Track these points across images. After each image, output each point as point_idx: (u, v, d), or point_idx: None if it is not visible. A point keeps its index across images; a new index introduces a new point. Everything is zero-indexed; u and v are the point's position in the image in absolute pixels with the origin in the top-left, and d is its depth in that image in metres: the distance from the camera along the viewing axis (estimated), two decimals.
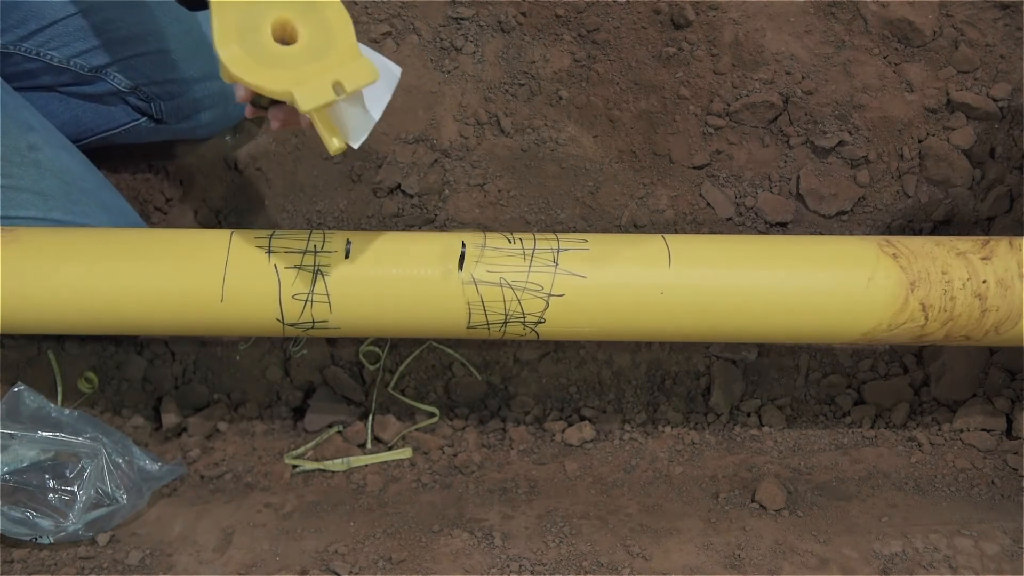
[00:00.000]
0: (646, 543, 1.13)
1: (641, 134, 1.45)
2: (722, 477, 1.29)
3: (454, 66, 1.44)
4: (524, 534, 1.15)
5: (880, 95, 1.42)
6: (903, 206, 1.46)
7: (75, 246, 1.08)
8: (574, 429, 1.38)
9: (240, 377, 1.41)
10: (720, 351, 1.43)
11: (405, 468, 1.32)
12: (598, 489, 1.27)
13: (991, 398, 1.38)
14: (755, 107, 1.43)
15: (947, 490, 1.26)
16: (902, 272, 1.07)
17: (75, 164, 1.26)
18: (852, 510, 1.21)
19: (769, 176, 1.46)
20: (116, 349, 1.39)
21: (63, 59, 1.26)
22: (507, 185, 1.45)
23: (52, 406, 1.19)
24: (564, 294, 1.06)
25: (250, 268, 1.06)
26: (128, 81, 1.27)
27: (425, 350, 1.42)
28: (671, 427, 1.40)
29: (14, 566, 1.10)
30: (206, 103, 1.32)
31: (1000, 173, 1.42)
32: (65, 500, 1.12)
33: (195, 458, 1.33)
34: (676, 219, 1.46)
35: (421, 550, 1.12)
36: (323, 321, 1.07)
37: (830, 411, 1.41)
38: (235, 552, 1.13)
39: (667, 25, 1.43)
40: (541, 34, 1.44)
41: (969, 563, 1.10)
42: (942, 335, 1.10)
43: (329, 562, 1.10)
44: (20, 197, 1.19)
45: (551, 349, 1.43)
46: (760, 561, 1.10)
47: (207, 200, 1.47)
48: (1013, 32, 1.41)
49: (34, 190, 1.20)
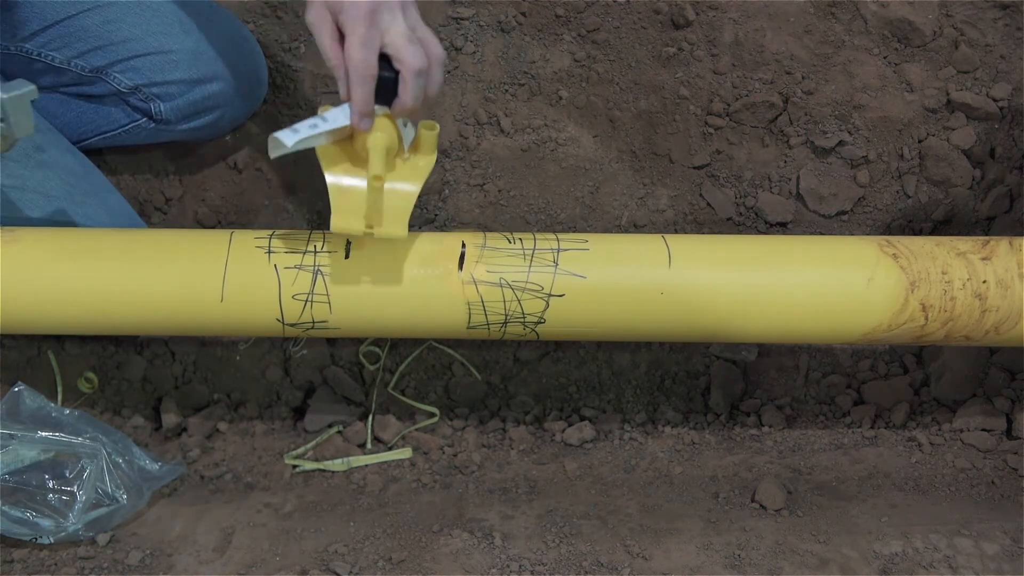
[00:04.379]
0: (646, 543, 1.13)
1: (641, 134, 1.45)
2: (722, 477, 1.29)
3: (454, 66, 1.44)
4: (524, 534, 1.15)
5: (880, 95, 1.42)
6: (903, 206, 1.46)
7: (75, 246, 1.08)
8: (574, 429, 1.38)
9: (240, 377, 1.41)
10: (720, 351, 1.43)
11: (405, 468, 1.32)
12: (598, 489, 1.27)
13: (991, 398, 1.38)
14: (755, 107, 1.43)
15: (947, 490, 1.26)
16: (902, 272, 1.07)
17: (79, 166, 1.27)
18: (852, 510, 1.21)
19: (769, 176, 1.46)
20: (116, 349, 1.39)
21: (64, 60, 1.26)
22: (507, 185, 1.45)
23: (52, 406, 1.19)
24: (564, 294, 1.06)
25: (250, 268, 1.06)
26: (128, 82, 1.27)
27: (425, 350, 1.42)
28: (671, 427, 1.40)
29: (14, 566, 1.10)
30: (207, 105, 1.32)
31: (1000, 173, 1.42)
32: (65, 500, 1.12)
33: (195, 458, 1.33)
34: (676, 219, 1.46)
35: (421, 550, 1.12)
36: (323, 321, 1.07)
37: (830, 411, 1.41)
38: (235, 552, 1.13)
39: (667, 25, 1.43)
40: (541, 34, 1.44)
41: (969, 563, 1.10)
42: (942, 335, 1.10)
43: (329, 562, 1.10)
44: (26, 197, 1.19)
45: (551, 349, 1.43)
46: (760, 561, 1.10)
47: (207, 200, 1.47)
48: (1013, 32, 1.41)
49: (40, 191, 1.20)
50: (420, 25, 0.97)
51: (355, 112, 0.95)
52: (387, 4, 0.93)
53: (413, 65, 0.94)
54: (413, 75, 0.94)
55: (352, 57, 0.93)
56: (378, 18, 0.92)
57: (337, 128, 0.98)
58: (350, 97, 0.96)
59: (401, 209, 1.01)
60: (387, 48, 0.94)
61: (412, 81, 0.94)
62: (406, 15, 0.95)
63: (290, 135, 0.96)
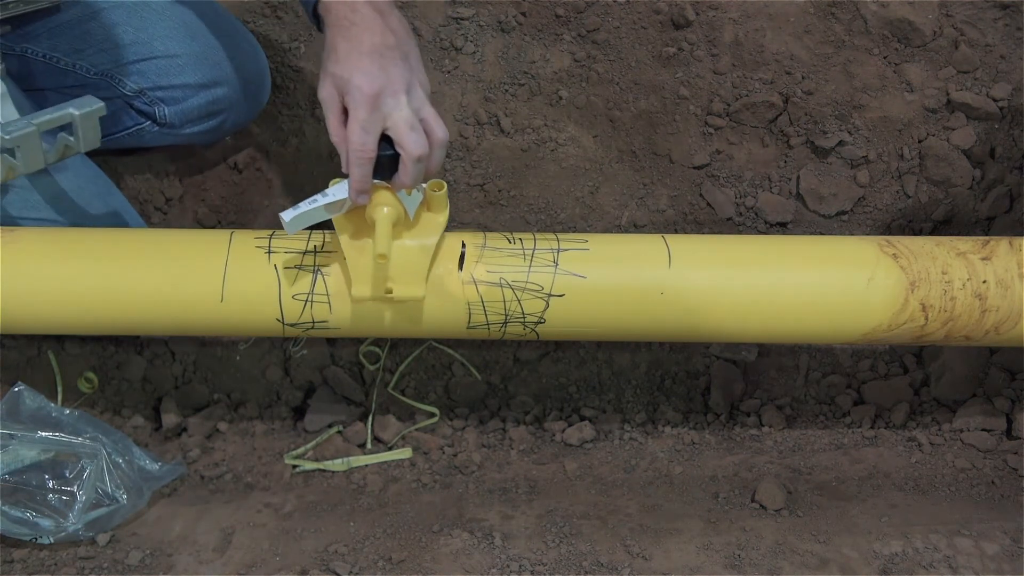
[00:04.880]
0: (646, 543, 1.13)
1: (641, 134, 1.45)
2: (722, 477, 1.29)
3: (454, 66, 1.44)
4: (524, 534, 1.15)
5: (880, 95, 1.42)
6: (903, 206, 1.46)
7: (75, 246, 1.08)
8: (574, 429, 1.38)
9: (240, 377, 1.41)
10: (720, 351, 1.43)
11: (405, 468, 1.32)
12: (598, 489, 1.27)
13: (991, 398, 1.38)
14: (755, 107, 1.43)
15: (947, 490, 1.26)
16: (902, 272, 1.07)
17: (86, 168, 1.27)
18: (852, 510, 1.21)
19: (769, 176, 1.46)
20: (116, 349, 1.39)
21: (69, 62, 1.26)
22: (507, 185, 1.45)
23: (52, 406, 1.19)
24: (564, 294, 1.06)
25: (250, 268, 1.06)
26: (133, 85, 1.27)
27: (425, 350, 1.42)
28: (671, 427, 1.40)
29: (14, 566, 1.10)
30: (211, 109, 1.32)
31: (1000, 173, 1.42)
32: (65, 500, 1.12)
33: (195, 458, 1.33)
34: (676, 219, 1.46)
35: (421, 550, 1.12)
36: (323, 321, 1.07)
37: (830, 411, 1.41)
38: (235, 552, 1.13)
39: (667, 25, 1.43)
40: (541, 34, 1.44)
41: (969, 563, 1.10)
42: (942, 335, 1.10)
43: (329, 562, 1.10)
44: (33, 198, 1.19)
45: (551, 349, 1.43)
46: (760, 561, 1.10)
47: (207, 200, 1.48)
48: (1013, 32, 1.41)
49: (47, 193, 1.20)
50: (425, 106, 0.98)
51: (352, 189, 0.98)
52: (391, 89, 0.95)
53: (413, 152, 0.96)
54: (413, 161, 0.96)
55: (352, 140, 0.95)
56: (381, 103, 0.94)
57: (337, 201, 1.00)
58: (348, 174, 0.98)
59: (418, 270, 1.03)
60: (389, 132, 0.96)
61: (412, 166, 0.97)
62: (411, 97, 0.97)
63: (290, 212, 0.99)
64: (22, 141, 1.02)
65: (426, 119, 0.97)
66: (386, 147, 0.96)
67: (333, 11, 0.97)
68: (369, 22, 0.96)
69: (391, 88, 0.95)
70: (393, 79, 0.95)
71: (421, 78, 0.98)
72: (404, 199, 1.01)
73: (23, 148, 1.03)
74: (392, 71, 0.95)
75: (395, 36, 0.97)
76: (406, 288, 1.03)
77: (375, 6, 0.97)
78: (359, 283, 1.02)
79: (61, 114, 1.04)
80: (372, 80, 0.94)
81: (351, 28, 0.96)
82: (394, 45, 0.96)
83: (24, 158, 1.04)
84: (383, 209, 0.99)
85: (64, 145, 1.07)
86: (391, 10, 0.99)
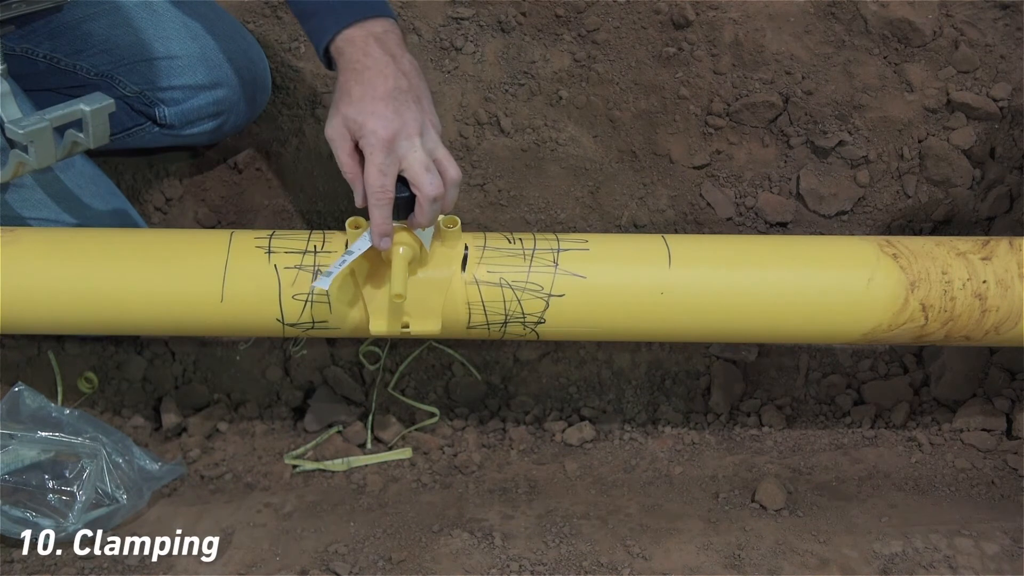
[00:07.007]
0: (646, 543, 1.13)
1: (641, 134, 1.45)
2: (722, 477, 1.29)
3: (454, 66, 1.44)
4: (524, 534, 1.15)
5: (880, 95, 1.42)
6: (903, 206, 1.46)
7: (75, 246, 1.08)
8: (574, 429, 1.38)
9: (240, 377, 1.41)
10: (720, 351, 1.43)
11: (405, 468, 1.32)
12: (598, 489, 1.27)
13: (991, 398, 1.38)
14: (755, 107, 1.43)
15: (947, 490, 1.26)
16: (902, 272, 1.07)
17: (87, 168, 1.27)
18: (852, 510, 1.21)
19: (769, 176, 1.46)
20: (116, 349, 1.39)
21: (69, 63, 1.26)
22: (507, 185, 1.45)
23: (52, 406, 1.19)
24: (564, 294, 1.06)
25: (250, 268, 1.06)
26: (133, 86, 1.27)
27: (425, 350, 1.42)
28: (671, 427, 1.40)
29: (14, 566, 1.10)
30: (211, 110, 1.32)
31: (1000, 173, 1.42)
32: (65, 500, 1.12)
33: (195, 458, 1.33)
34: (676, 219, 1.46)
35: (421, 550, 1.12)
36: (323, 321, 1.07)
37: (830, 411, 1.41)
38: (235, 552, 1.13)
39: (667, 25, 1.43)
40: (541, 34, 1.44)
41: (969, 563, 1.10)
42: (942, 335, 1.10)
43: (329, 562, 1.10)
44: (35, 197, 1.20)
45: (551, 349, 1.43)
46: (760, 561, 1.10)
47: (207, 200, 1.48)
48: (1013, 32, 1.41)
49: (49, 193, 1.21)
50: (438, 147, 0.99)
51: (375, 233, 0.99)
52: (405, 132, 0.96)
53: (429, 193, 0.97)
54: (429, 201, 0.98)
55: (370, 183, 0.96)
56: (396, 146, 0.96)
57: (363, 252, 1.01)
58: (368, 216, 0.99)
59: (434, 304, 1.04)
60: (404, 173, 0.98)
61: (428, 207, 0.98)
62: (424, 139, 0.98)
63: (325, 280, 1.00)
64: (36, 136, 1.02)
65: (439, 160, 0.99)
66: (402, 188, 0.98)
67: (346, 54, 0.99)
68: (382, 66, 0.97)
69: (406, 131, 0.96)
70: (407, 123, 0.96)
71: (433, 119, 1.00)
72: (419, 234, 1.02)
73: (36, 143, 1.03)
74: (406, 115, 0.97)
75: (407, 79, 0.98)
76: (422, 323, 1.04)
77: (387, 49, 0.99)
78: (376, 318, 1.04)
79: (72, 110, 1.05)
80: (387, 124, 0.95)
81: (364, 72, 0.97)
82: (407, 89, 0.98)
83: (37, 154, 1.04)
84: (399, 249, 1.00)
85: (72, 141, 1.08)
86: (403, 52, 1.01)
